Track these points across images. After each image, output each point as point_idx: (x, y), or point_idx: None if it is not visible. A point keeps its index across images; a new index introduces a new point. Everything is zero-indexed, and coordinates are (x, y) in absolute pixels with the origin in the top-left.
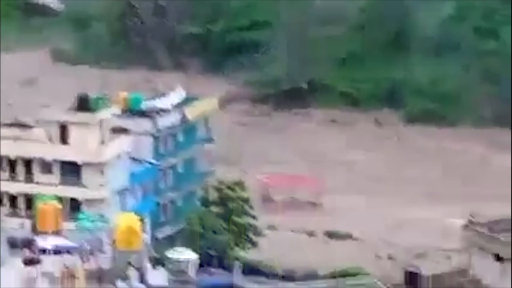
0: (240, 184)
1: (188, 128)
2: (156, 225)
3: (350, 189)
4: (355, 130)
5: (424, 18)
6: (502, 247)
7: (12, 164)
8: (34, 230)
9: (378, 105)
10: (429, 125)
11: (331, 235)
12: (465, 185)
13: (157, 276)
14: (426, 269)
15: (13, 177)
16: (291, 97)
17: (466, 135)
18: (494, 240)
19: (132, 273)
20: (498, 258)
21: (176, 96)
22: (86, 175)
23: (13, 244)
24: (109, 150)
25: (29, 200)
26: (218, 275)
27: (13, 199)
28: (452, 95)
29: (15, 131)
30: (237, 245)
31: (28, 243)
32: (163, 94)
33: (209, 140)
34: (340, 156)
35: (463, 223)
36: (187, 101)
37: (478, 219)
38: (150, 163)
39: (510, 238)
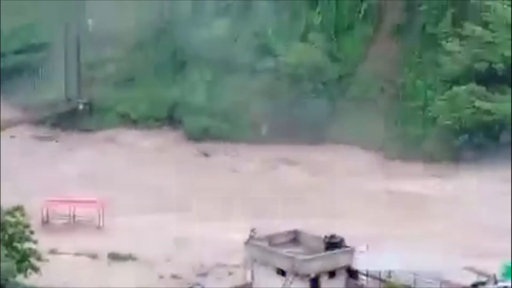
0: (19, 209)
1: None
2: None
3: (136, 209)
4: (138, 150)
5: (199, 37)
6: (283, 261)
7: None
8: None
9: (157, 124)
10: (210, 142)
11: (114, 257)
12: (254, 200)
13: None
14: (210, 286)
15: None
16: (70, 119)
17: (246, 151)
18: (274, 254)
19: None
20: (280, 271)
21: None
22: None
23: None
24: None
25: None
26: None
27: None
28: (230, 112)
29: None
30: (19, 271)
31: None
32: None
33: None
34: (126, 176)
35: (246, 239)
36: None
37: (260, 233)
38: None
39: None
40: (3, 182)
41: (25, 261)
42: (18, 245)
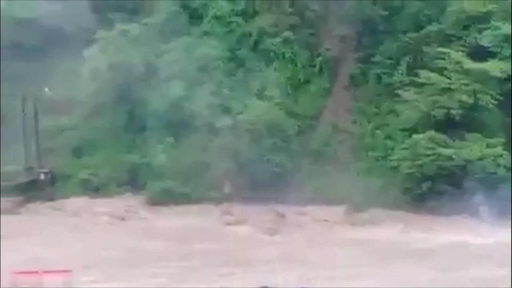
0: None
1: None
2: None
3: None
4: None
5: (155, 98)
6: None
7: None
8: None
9: (119, 190)
10: (171, 205)
11: None
12: None
13: None
14: None
15: None
16: (31, 189)
17: (209, 211)
18: None
19: None
20: None
21: None
22: None
23: None
24: None
25: None
26: None
27: None
28: (191, 173)
29: None
30: None
31: None
32: None
33: None
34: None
35: None
36: None
37: None
38: None
39: None
40: None
41: None
42: None
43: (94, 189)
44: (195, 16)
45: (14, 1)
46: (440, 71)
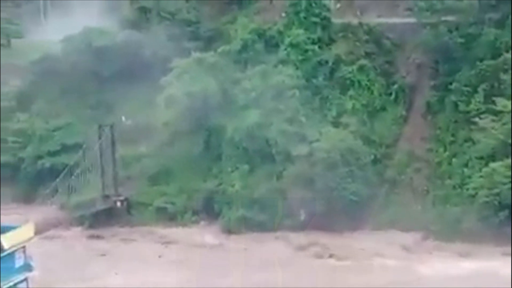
0: None
1: (5, 257)
2: None
3: None
4: (177, 245)
5: (231, 127)
6: None
7: None
8: None
9: (194, 218)
10: (248, 233)
11: None
12: None
13: None
14: None
15: None
16: (108, 217)
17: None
18: None
19: None
20: None
21: None
22: None
23: None
24: None
25: None
26: None
27: None
28: (267, 201)
29: None
30: None
31: None
32: None
33: (29, 268)
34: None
35: None
36: (2, 230)
37: None
38: None
39: None
40: None
41: None
42: None
43: (169, 218)
44: (271, 44)
45: (92, 29)
46: None
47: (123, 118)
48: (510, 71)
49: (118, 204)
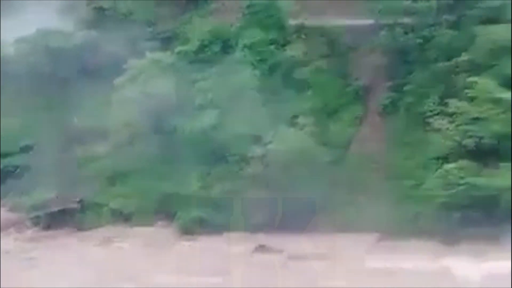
0: None
1: None
2: None
3: None
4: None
5: (188, 127)
6: None
7: None
8: None
9: (150, 219)
10: (204, 235)
11: None
12: None
13: None
14: None
15: None
16: (62, 218)
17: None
18: None
19: None
20: None
21: None
22: None
23: None
24: None
25: None
26: None
27: None
28: (222, 202)
29: None
30: None
31: None
32: None
33: None
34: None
35: None
36: None
37: None
38: None
39: None
40: None
41: None
42: None
43: (124, 219)
44: (228, 45)
45: (48, 31)
46: (471, 100)
47: (75, 120)
48: (463, 73)
49: (73, 205)
